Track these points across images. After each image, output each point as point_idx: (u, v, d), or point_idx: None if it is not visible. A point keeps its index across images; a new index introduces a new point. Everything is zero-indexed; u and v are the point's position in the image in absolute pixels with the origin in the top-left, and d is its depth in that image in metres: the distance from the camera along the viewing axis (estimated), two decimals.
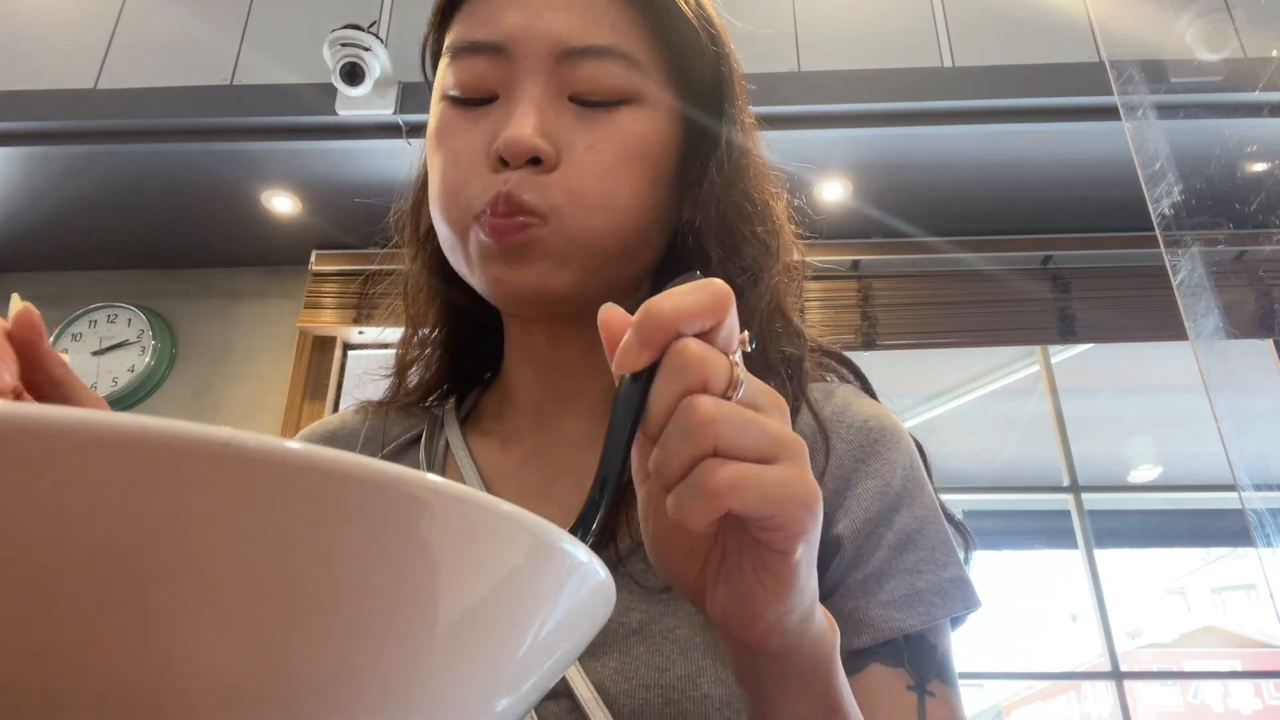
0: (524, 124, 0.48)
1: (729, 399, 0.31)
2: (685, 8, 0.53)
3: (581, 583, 0.21)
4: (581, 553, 0.21)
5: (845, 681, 0.38)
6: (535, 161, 0.49)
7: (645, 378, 0.31)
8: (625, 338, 0.31)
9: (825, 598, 0.49)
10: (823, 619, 0.36)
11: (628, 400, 0.31)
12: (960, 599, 0.49)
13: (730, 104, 0.56)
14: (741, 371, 0.32)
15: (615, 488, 0.31)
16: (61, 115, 2.61)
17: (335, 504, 0.16)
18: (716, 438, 0.30)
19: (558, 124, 0.49)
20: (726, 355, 0.31)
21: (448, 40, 0.53)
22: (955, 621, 0.51)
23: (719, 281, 0.32)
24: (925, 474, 0.54)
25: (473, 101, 0.51)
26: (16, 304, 0.40)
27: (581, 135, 0.49)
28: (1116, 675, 2.80)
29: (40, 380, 0.36)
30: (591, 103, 0.50)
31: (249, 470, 0.15)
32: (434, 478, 0.17)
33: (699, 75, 0.54)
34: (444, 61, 0.53)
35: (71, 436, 0.14)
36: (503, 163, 0.49)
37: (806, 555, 0.32)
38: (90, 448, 0.14)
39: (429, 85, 0.57)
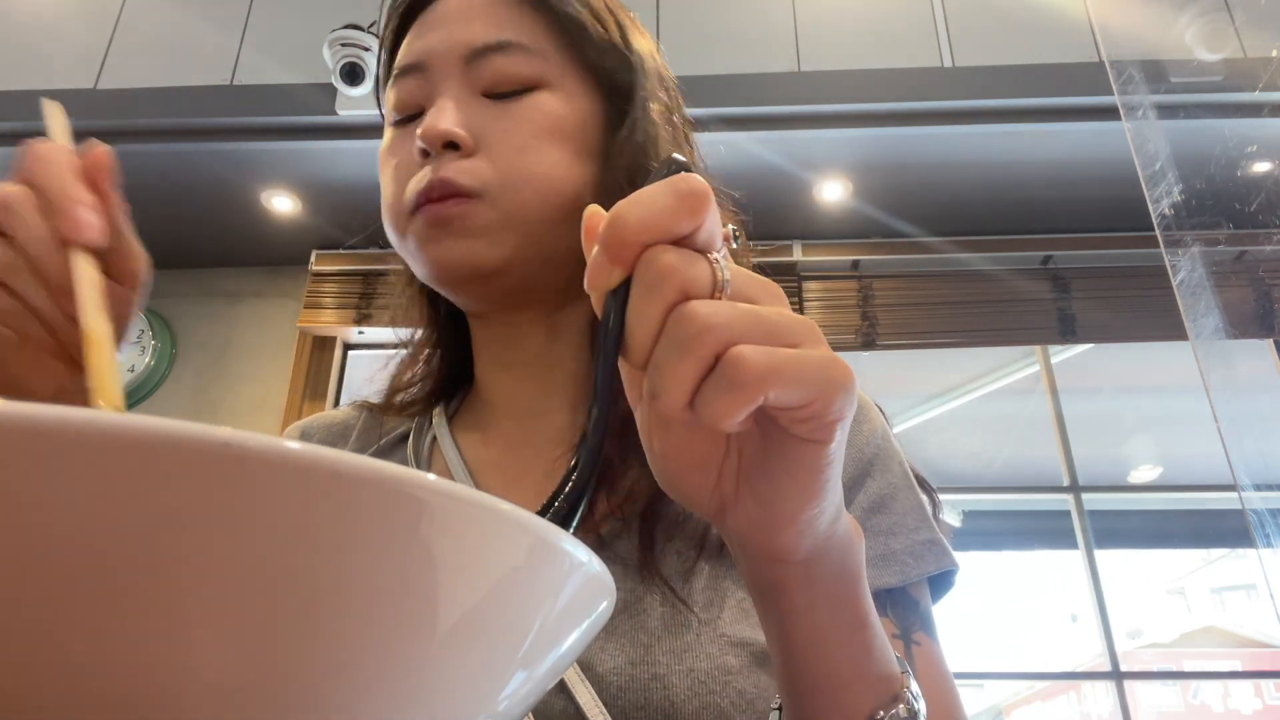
0: (438, 116, 0.53)
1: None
2: (576, 1, 0.58)
3: (582, 582, 0.21)
4: (582, 552, 0.21)
5: (871, 599, 0.36)
6: (455, 149, 0.53)
7: (623, 294, 0.29)
8: (593, 253, 0.29)
9: None
10: (848, 523, 0.34)
11: (608, 320, 0.29)
12: (933, 559, 0.50)
13: (641, 88, 0.59)
14: (726, 268, 0.29)
15: (606, 419, 0.29)
16: None
17: (336, 504, 0.16)
18: (725, 339, 0.27)
19: (474, 116, 0.54)
20: (706, 256, 0.29)
21: None
22: (936, 593, 0.52)
23: (693, 178, 0.29)
24: (895, 445, 0.55)
25: (406, 119, 0.57)
26: (57, 116, 0.39)
27: (496, 123, 0.54)
28: (1116, 675, 2.80)
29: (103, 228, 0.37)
30: (501, 94, 0.55)
31: (249, 470, 0.15)
32: (434, 478, 0.17)
33: (605, 62, 0.58)
34: (388, 95, 0.59)
35: (70, 436, 0.14)
36: (425, 155, 0.53)
37: (840, 445, 0.30)
38: (89, 448, 0.14)
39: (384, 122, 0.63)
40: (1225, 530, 4.36)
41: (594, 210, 0.30)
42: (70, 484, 0.14)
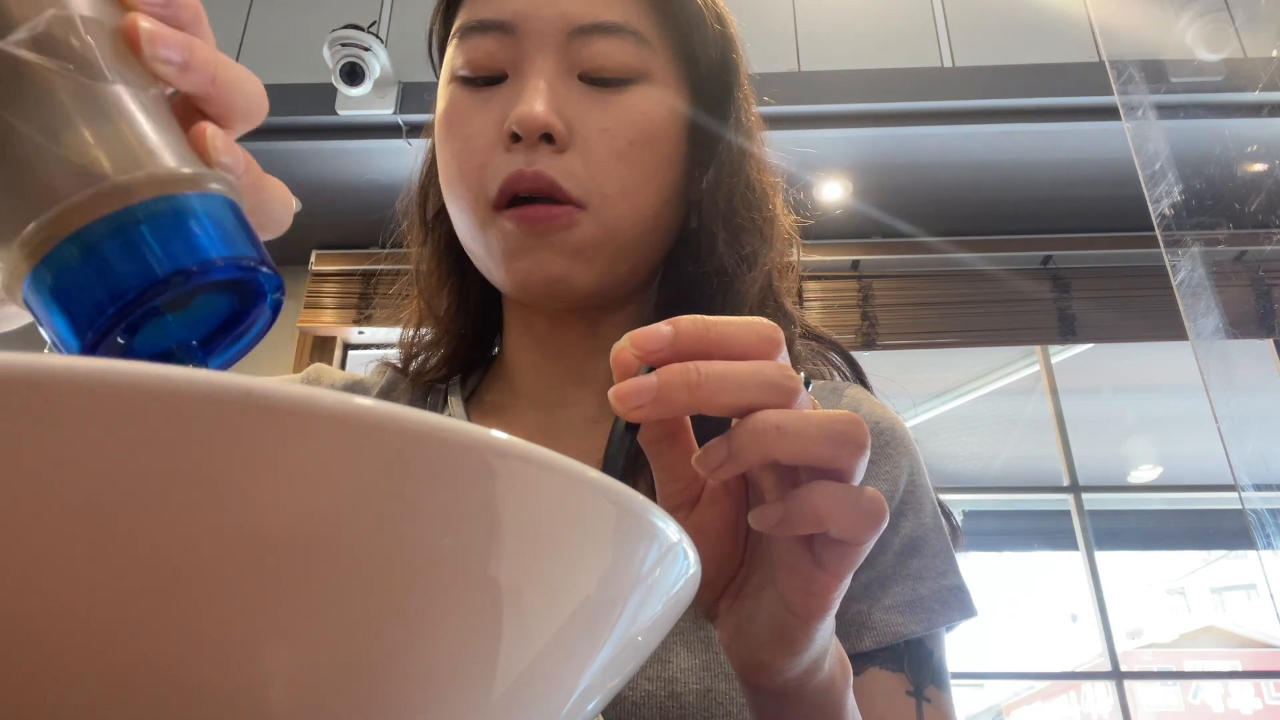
0: (535, 100, 0.47)
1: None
2: None
3: (670, 561, 0.20)
4: (672, 530, 0.19)
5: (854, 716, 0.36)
6: (548, 140, 0.48)
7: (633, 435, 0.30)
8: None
9: None
10: (833, 662, 0.34)
11: (619, 448, 0.29)
12: (959, 607, 0.50)
13: (737, 88, 0.56)
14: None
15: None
16: None
17: (378, 463, 0.14)
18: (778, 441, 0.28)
19: (568, 102, 0.49)
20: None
21: (456, 22, 0.53)
22: (948, 627, 0.51)
23: (779, 367, 0.29)
24: (926, 476, 0.54)
25: (481, 81, 0.51)
26: None
27: (593, 115, 0.49)
28: (1116, 675, 2.80)
29: None
30: (601, 81, 0.50)
31: (275, 424, 0.13)
32: (502, 435, 0.15)
33: (705, 57, 0.54)
34: (452, 44, 0.53)
35: (71, 388, 0.12)
36: (514, 139, 0.48)
37: (829, 617, 0.31)
38: (93, 400, 0.13)
39: (436, 72, 0.57)
40: (1225, 530, 4.36)
41: (620, 346, 0.29)
42: (75, 441, 0.12)
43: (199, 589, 0.14)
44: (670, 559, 0.20)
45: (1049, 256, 3.06)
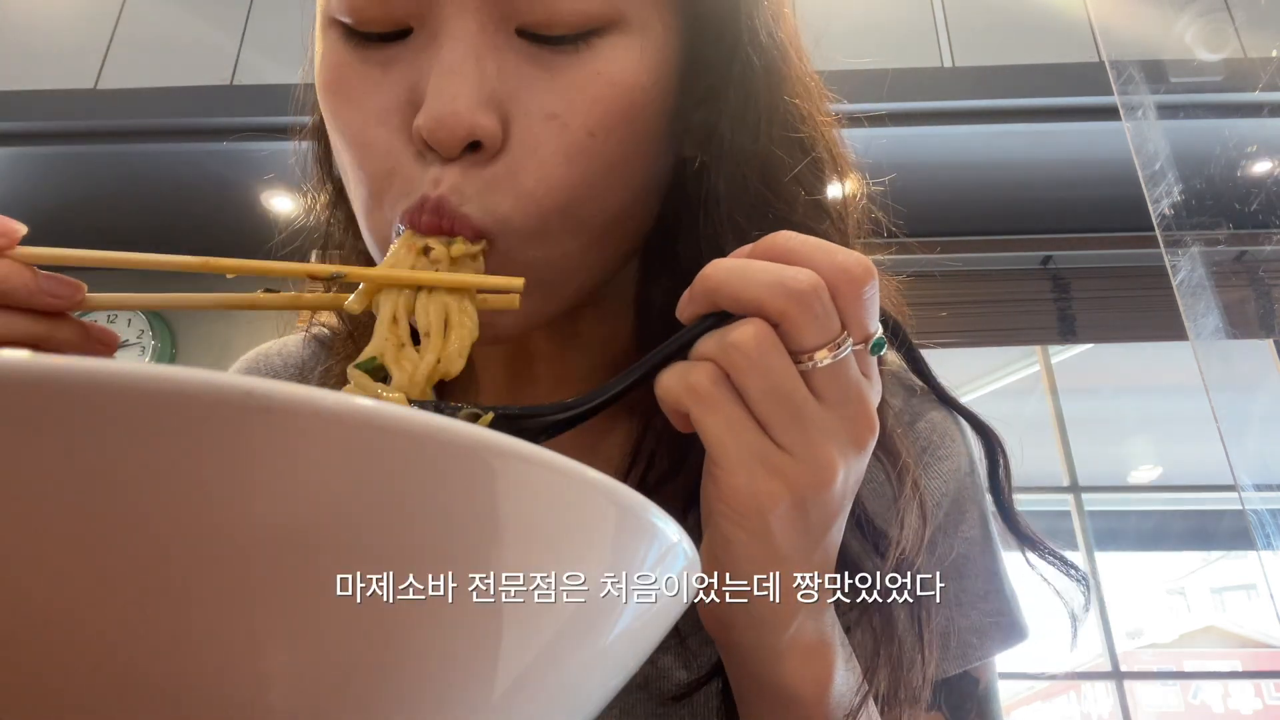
0: (455, 91, 0.33)
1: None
2: None
3: (669, 560, 0.20)
4: (672, 530, 0.20)
5: None
6: (477, 145, 0.34)
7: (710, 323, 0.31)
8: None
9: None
10: (806, 667, 0.31)
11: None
12: (999, 637, 0.45)
13: (749, 13, 0.41)
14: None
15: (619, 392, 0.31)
16: (61, 115, 2.61)
17: (377, 463, 0.14)
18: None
19: (502, 77, 0.34)
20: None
21: None
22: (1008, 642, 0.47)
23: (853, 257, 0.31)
24: (975, 483, 0.48)
25: (377, 37, 0.36)
26: None
27: (539, 94, 0.34)
28: (1116, 675, 2.80)
29: None
30: (551, 39, 0.34)
31: (276, 424, 0.13)
32: (504, 436, 0.15)
33: None
34: None
35: (70, 387, 0.12)
36: (425, 145, 0.34)
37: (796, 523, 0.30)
38: (94, 399, 0.12)
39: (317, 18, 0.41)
40: (1225, 530, 4.36)
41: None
42: (75, 440, 0.12)
43: (199, 587, 0.14)
44: (670, 558, 0.20)
45: (1049, 256, 3.06)
